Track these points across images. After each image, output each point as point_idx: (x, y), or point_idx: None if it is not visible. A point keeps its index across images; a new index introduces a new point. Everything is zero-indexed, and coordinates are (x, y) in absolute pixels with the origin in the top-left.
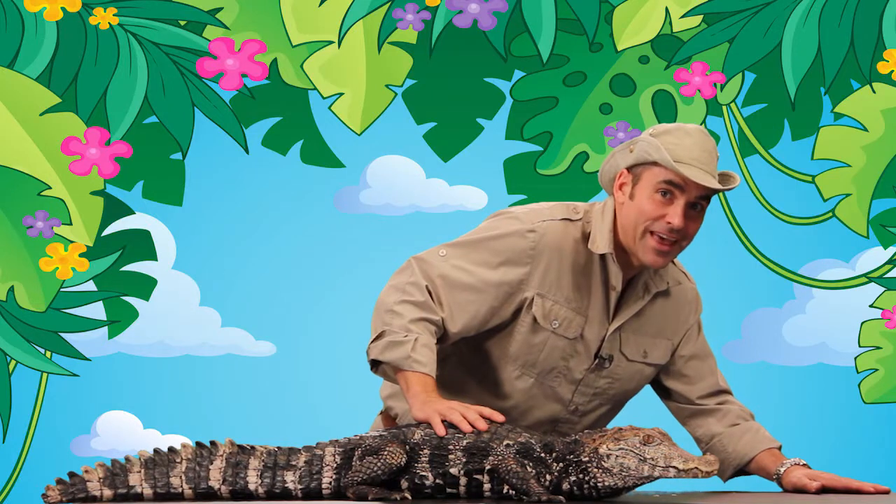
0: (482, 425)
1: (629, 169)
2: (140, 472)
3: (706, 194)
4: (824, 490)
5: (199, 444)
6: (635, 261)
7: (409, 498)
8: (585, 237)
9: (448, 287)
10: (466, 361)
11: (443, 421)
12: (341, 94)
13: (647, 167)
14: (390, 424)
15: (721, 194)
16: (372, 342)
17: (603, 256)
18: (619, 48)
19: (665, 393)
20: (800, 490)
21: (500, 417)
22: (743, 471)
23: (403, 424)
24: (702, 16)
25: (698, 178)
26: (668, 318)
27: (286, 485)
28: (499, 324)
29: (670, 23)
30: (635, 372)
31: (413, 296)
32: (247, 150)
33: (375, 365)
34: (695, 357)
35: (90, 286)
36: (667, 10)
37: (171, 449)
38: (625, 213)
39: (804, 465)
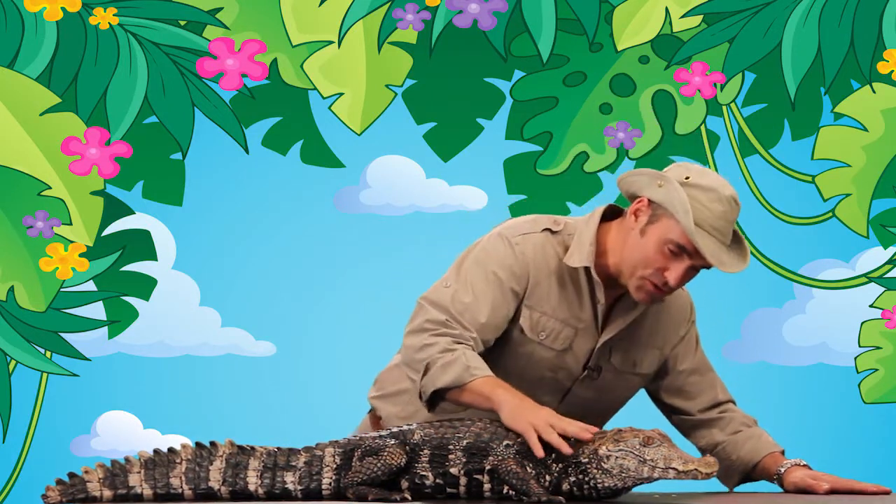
0: (587, 436)
1: (650, 202)
2: (140, 472)
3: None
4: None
5: (198, 444)
6: (623, 286)
7: (409, 498)
8: (566, 250)
9: (465, 307)
10: None
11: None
12: (341, 94)
13: (668, 214)
14: (377, 425)
15: None
16: (422, 380)
17: (587, 269)
18: (619, 48)
19: (666, 409)
20: (803, 490)
21: (593, 430)
22: (749, 477)
23: (402, 425)
24: (702, 16)
25: (713, 256)
26: (659, 326)
27: (286, 485)
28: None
29: (670, 23)
30: (623, 382)
31: (437, 329)
32: (247, 150)
33: (433, 401)
34: (695, 372)
35: (90, 286)
36: (667, 10)
37: (170, 449)
38: (630, 245)
39: (805, 465)
